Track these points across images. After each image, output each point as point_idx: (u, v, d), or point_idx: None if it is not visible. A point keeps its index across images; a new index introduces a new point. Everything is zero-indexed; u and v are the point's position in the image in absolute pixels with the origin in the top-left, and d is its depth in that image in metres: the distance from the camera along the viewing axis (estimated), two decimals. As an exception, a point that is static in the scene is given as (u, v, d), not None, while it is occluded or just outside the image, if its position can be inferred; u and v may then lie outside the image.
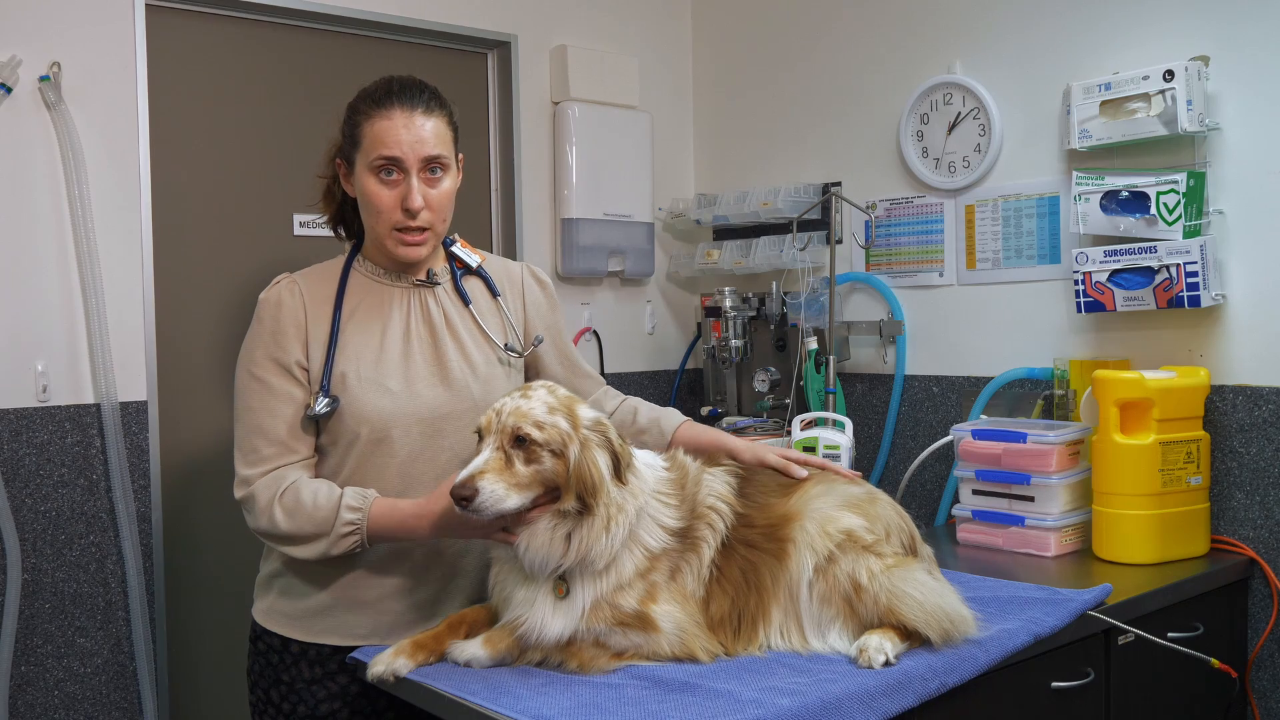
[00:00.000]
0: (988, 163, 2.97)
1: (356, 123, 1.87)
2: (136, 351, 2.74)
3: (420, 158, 1.84)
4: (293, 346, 1.86)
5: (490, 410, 1.70)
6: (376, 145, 1.84)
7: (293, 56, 3.09)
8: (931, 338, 3.14)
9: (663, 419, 2.08)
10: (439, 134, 1.87)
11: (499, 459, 1.65)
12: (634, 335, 3.70)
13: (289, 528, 1.79)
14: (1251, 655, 2.51)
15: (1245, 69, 2.50)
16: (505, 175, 3.46)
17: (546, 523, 1.67)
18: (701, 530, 1.76)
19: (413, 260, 1.90)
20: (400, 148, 1.83)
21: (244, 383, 1.87)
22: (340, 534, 1.78)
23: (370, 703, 1.90)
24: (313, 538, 1.80)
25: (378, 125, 1.84)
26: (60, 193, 2.63)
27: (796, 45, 3.49)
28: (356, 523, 1.78)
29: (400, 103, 1.85)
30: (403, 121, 1.83)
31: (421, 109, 1.86)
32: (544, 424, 1.66)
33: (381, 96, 1.86)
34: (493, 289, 2.03)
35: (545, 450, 1.66)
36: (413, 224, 1.85)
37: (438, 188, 1.87)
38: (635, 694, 1.58)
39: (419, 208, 1.84)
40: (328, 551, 1.79)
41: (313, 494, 1.80)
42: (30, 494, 2.60)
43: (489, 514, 1.63)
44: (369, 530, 1.79)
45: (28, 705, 2.60)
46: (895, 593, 1.73)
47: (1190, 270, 2.47)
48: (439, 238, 1.93)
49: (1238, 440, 2.53)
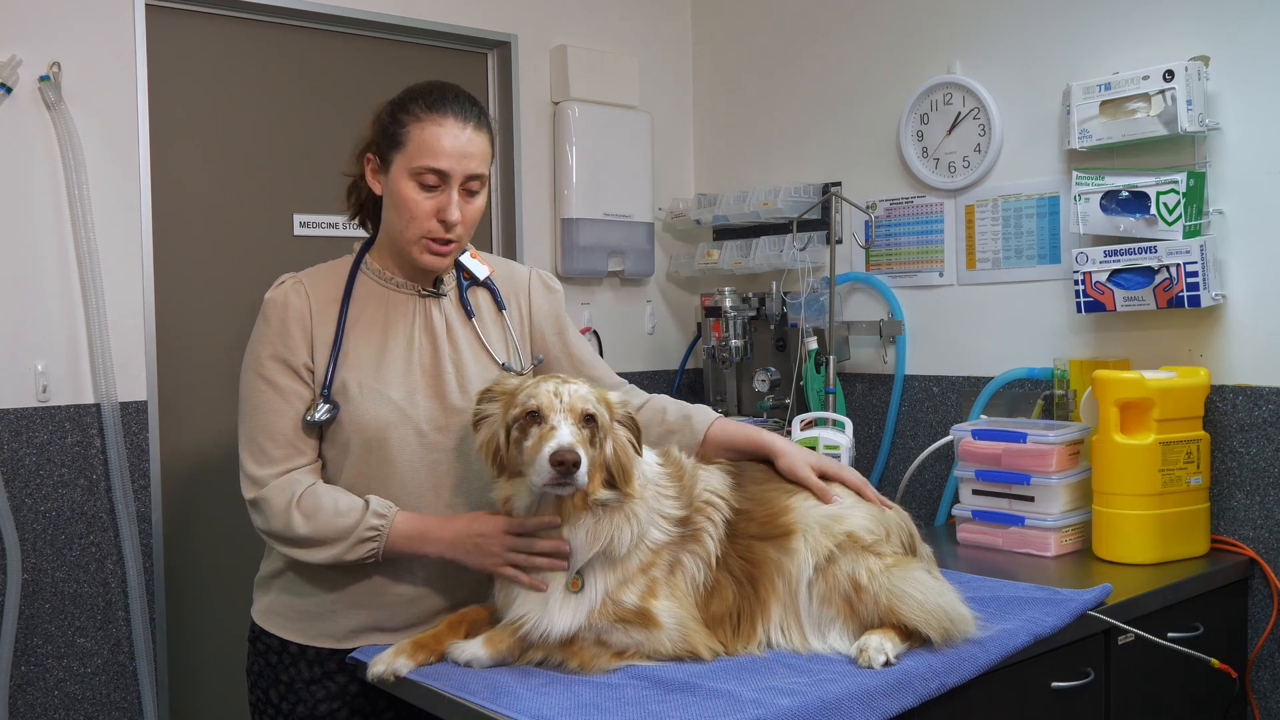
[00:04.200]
0: (988, 163, 2.97)
1: (403, 122, 1.83)
2: (136, 351, 2.74)
3: (465, 173, 1.83)
4: (299, 348, 1.86)
5: (543, 391, 1.68)
6: (424, 153, 1.80)
7: (293, 56, 3.09)
8: (931, 338, 3.14)
9: (694, 416, 2.01)
10: (484, 152, 1.86)
11: (579, 433, 1.65)
12: (634, 335, 3.70)
13: (307, 530, 1.79)
14: (1251, 655, 2.51)
15: (1245, 69, 2.50)
16: (505, 175, 3.46)
17: (582, 520, 1.69)
18: (700, 523, 1.76)
19: (436, 270, 1.90)
20: (450, 160, 1.80)
21: (250, 382, 1.87)
22: (361, 538, 1.78)
23: (370, 703, 1.90)
24: (331, 541, 1.79)
25: (429, 131, 1.81)
26: (60, 193, 2.63)
27: (796, 45, 3.49)
28: (380, 529, 1.78)
29: (455, 112, 1.82)
30: (455, 132, 1.81)
31: (474, 123, 1.84)
32: (595, 409, 1.69)
33: (436, 100, 1.83)
34: (499, 302, 2.01)
35: (598, 433, 1.69)
36: (446, 235, 1.84)
37: (472, 204, 1.86)
38: (635, 694, 1.58)
39: (456, 221, 1.83)
40: (342, 556, 1.79)
41: (334, 500, 1.80)
42: (30, 494, 2.60)
43: (580, 486, 1.63)
44: (389, 538, 1.79)
45: (28, 705, 2.60)
46: (895, 592, 1.73)
47: (1190, 270, 2.47)
48: (461, 251, 1.93)
49: (1238, 440, 2.53)
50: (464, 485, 1.90)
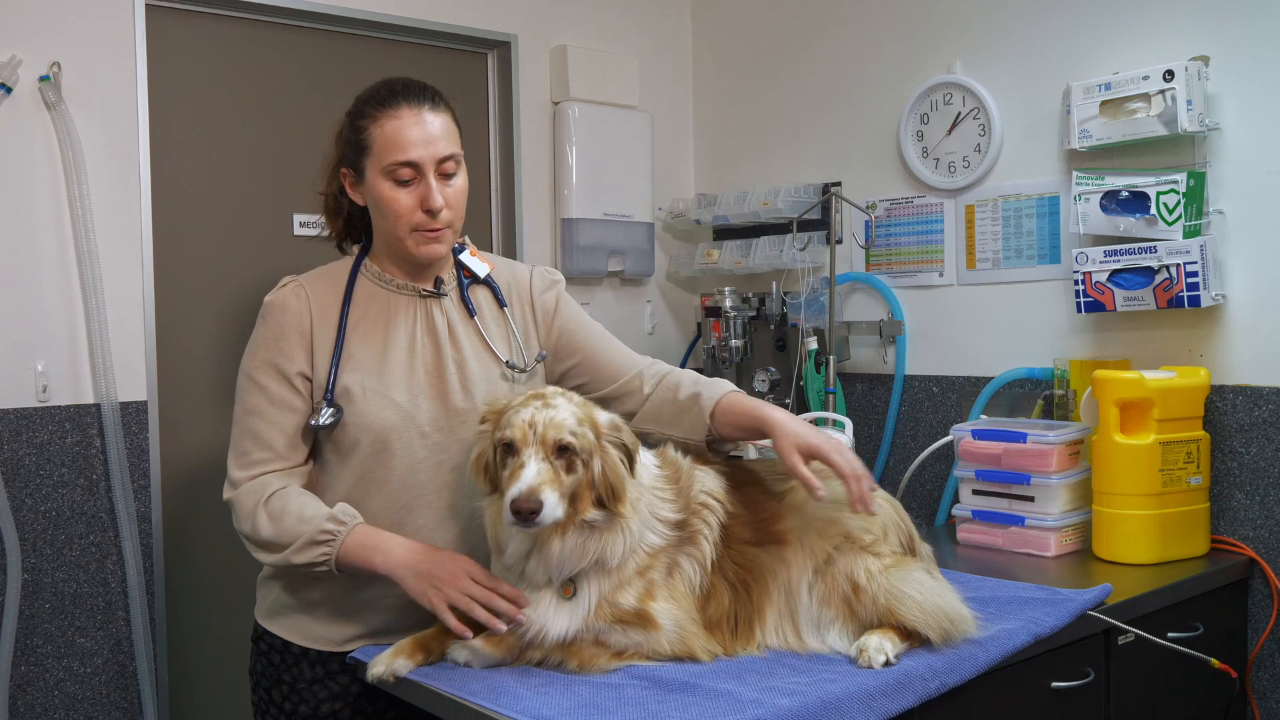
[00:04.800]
0: (988, 163, 2.97)
1: (362, 128, 1.84)
2: (136, 351, 2.74)
3: (436, 158, 1.82)
4: (296, 355, 1.85)
5: (519, 421, 1.65)
6: (390, 149, 1.80)
7: (293, 56, 3.09)
8: (931, 338, 3.14)
9: (703, 394, 1.91)
10: (449, 131, 1.85)
11: (549, 470, 1.62)
12: (634, 335, 3.70)
13: (270, 533, 1.77)
14: (1251, 655, 2.51)
15: (1245, 69, 2.50)
16: (505, 175, 3.46)
17: (567, 536, 1.66)
18: (697, 525, 1.76)
19: (434, 258, 1.88)
20: (416, 150, 1.80)
21: (244, 384, 1.87)
22: (312, 539, 1.75)
23: (371, 703, 1.90)
24: (288, 544, 1.76)
25: (387, 126, 1.81)
26: (60, 193, 2.63)
27: (796, 45, 3.49)
28: (335, 533, 1.75)
29: (407, 100, 1.82)
30: (413, 120, 1.81)
31: (429, 105, 1.83)
32: (577, 433, 1.65)
33: (386, 96, 1.83)
34: (500, 299, 2.01)
35: (579, 459, 1.65)
36: (433, 224, 1.84)
37: (453, 185, 1.86)
38: (635, 694, 1.58)
39: (440, 206, 1.82)
40: (289, 559, 1.76)
41: (300, 505, 1.79)
42: (30, 494, 2.60)
43: (546, 525, 1.60)
44: (344, 544, 1.74)
45: (28, 705, 2.59)
46: (894, 593, 1.73)
47: (1190, 270, 2.47)
48: (456, 234, 1.91)
49: (1238, 440, 2.53)
50: (469, 489, 1.88)
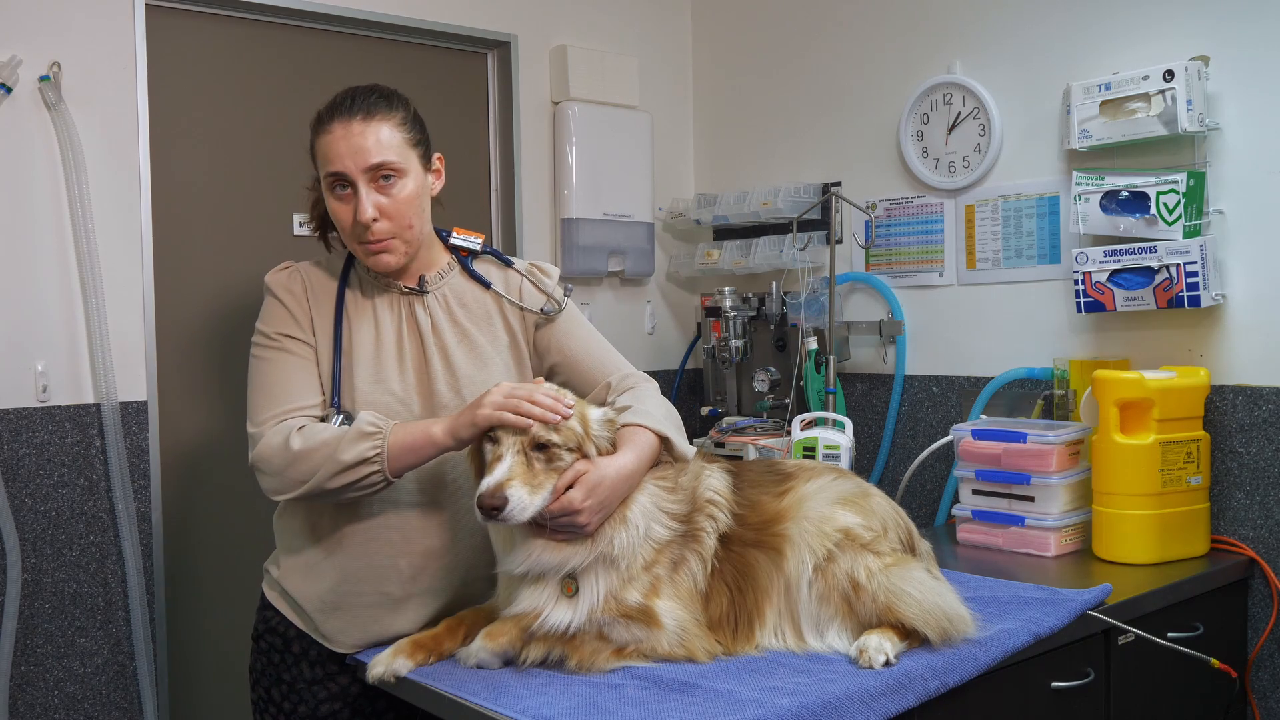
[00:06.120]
0: (988, 163, 2.97)
1: (312, 144, 1.88)
2: (136, 351, 2.74)
3: (363, 169, 1.81)
4: (302, 319, 1.89)
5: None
6: (324, 163, 1.84)
7: (293, 56, 3.09)
8: (931, 338, 3.14)
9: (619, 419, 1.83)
10: (383, 140, 1.82)
11: (521, 464, 1.64)
12: (634, 335, 3.70)
13: (301, 445, 1.73)
14: (1251, 655, 2.51)
15: (1245, 69, 2.50)
16: (505, 175, 3.46)
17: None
18: (702, 521, 1.76)
19: (384, 269, 1.88)
20: (341, 161, 1.81)
21: (255, 353, 1.89)
22: (360, 432, 1.72)
23: (371, 703, 1.90)
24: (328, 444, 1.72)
25: (322, 142, 1.84)
26: (60, 193, 2.63)
27: (796, 45, 3.49)
28: (380, 426, 1.74)
29: (337, 116, 1.83)
30: (340, 134, 1.81)
31: (360, 116, 1.82)
32: (560, 427, 1.67)
33: (325, 112, 1.86)
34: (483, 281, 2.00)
35: (564, 449, 1.67)
36: (368, 237, 1.83)
37: (391, 195, 1.83)
38: (635, 694, 1.58)
39: (369, 219, 1.81)
40: (335, 457, 1.71)
41: (331, 427, 1.78)
42: (30, 494, 2.60)
43: (516, 521, 1.62)
44: (393, 434, 1.73)
45: (28, 705, 2.60)
46: (894, 591, 1.73)
47: (1190, 270, 2.47)
48: (410, 244, 1.88)
49: (1238, 440, 2.53)
50: (464, 483, 1.88)
